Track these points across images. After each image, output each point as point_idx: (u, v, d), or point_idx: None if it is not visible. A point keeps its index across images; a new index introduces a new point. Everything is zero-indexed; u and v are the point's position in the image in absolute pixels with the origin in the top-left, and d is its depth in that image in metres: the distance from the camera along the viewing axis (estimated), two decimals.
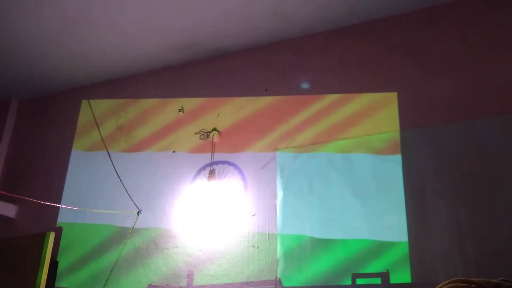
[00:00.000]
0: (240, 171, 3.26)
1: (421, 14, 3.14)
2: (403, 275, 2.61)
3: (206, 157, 3.40)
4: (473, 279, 0.83)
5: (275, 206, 3.08)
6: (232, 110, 3.48)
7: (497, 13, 2.93)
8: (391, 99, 3.00)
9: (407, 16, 3.18)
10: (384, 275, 2.66)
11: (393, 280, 2.63)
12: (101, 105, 3.99)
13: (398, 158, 2.85)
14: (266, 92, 3.40)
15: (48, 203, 3.45)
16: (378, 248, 2.72)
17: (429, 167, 2.75)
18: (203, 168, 3.37)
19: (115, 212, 3.47)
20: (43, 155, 4.07)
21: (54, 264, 3.43)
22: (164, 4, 3.20)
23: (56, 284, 3.44)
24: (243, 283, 2.98)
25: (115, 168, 3.65)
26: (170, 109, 3.68)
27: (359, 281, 2.70)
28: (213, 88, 3.61)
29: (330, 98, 3.20)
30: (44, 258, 3.24)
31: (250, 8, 3.22)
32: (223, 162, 3.33)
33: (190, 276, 3.12)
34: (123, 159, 3.68)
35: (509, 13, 2.90)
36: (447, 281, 0.85)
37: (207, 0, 3.16)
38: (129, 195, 3.51)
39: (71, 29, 3.45)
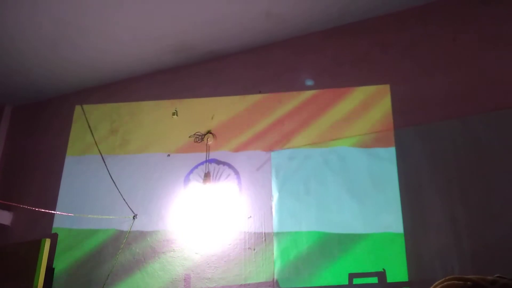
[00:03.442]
0: (235, 171, 3.27)
1: (413, 12, 3.15)
2: (400, 274, 2.61)
3: (200, 160, 3.41)
4: (469, 276, 0.83)
5: (271, 207, 3.07)
6: (226, 112, 3.49)
7: (488, 9, 2.94)
8: (385, 97, 3.01)
9: (399, 15, 3.18)
10: (381, 274, 2.66)
11: (390, 279, 2.64)
12: (95, 110, 3.97)
13: (392, 151, 2.86)
14: (260, 93, 3.41)
15: (43, 210, 3.44)
16: (374, 246, 2.73)
17: (424, 164, 2.75)
18: (196, 166, 3.38)
19: (111, 217, 3.46)
20: (37, 161, 4.05)
21: (50, 270, 3.42)
22: (157, 8, 3.20)
23: None
24: (241, 285, 2.97)
25: (110, 172, 3.64)
26: (164, 112, 3.68)
27: (356, 281, 2.70)
28: (207, 91, 3.60)
29: (323, 94, 3.21)
30: (40, 265, 3.26)
31: (243, 10, 3.22)
32: (218, 162, 3.34)
33: (187, 279, 3.12)
34: (118, 164, 3.67)
35: (500, 9, 2.91)
36: (444, 278, 0.85)
37: (200, 3, 3.16)
38: (124, 199, 3.50)
39: (64, 34, 3.44)
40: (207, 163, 3.37)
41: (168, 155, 3.53)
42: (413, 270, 2.59)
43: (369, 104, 3.05)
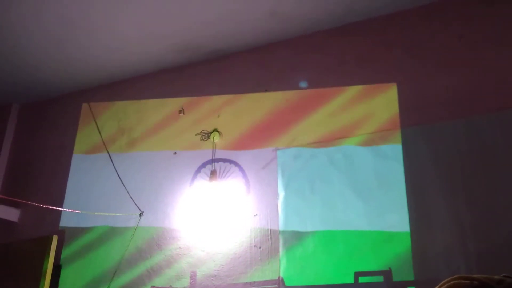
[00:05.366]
0: (241, 169, 3.27)
1: (417, 12, 3.13)
2: (406, 273, 2.60)
3: (207, 158, 3.42)
4: (475, 275, 0.83)
5: (277, 205, 3.07)
6: (232, 110, 3.48)
7: (493, 9, 2.92)
8: (391, 96, 3.00)
9: (404, 14, 3.16)
10: (387, 273, 2.65)
11: (396, 278, 2.63)
12: (101, 108, 3.98)
13: (398, 150, 2.85)
14: (266, 92, 3.41)
15: (50, 207, 3.46)
16: (380, 245, 2.72)
17: (430, 164, 2.73)
18: (203, 165, 3.39)
19: (117, 214, 3.47)
20: (45, 159, 4.06)
21: (57, 267, 3.43)
22: (162, 7, 3.20)
23: None
24: (246, 283, 2.97)
25: (117, 170, 3.64)
26: (171, 110, 3.68)
27: (362, 280, 2.69)
28: (213, 89, 3.60)
29: (329, 92, 3.20)
30: (48, 262, 3.27)
31: (248, 9, 3.21)
32: (224, 160, 3.35)
33: (193, 277, 3.12)
34: (125, 161, 3.67)
35: (504, 8, 2.89)
36: (450, 278, 0.85)
37: (205, 2, 3.16)
38: (131, 197, 3.51)
39: (71, 33, 3.45)
40: (213, 163, 3.37)
41: (175, 153, 3.54)
42: (419, 269, 2.58)
43: (375, 103, 3.04)
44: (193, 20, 3.33)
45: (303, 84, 3.27)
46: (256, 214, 3.12)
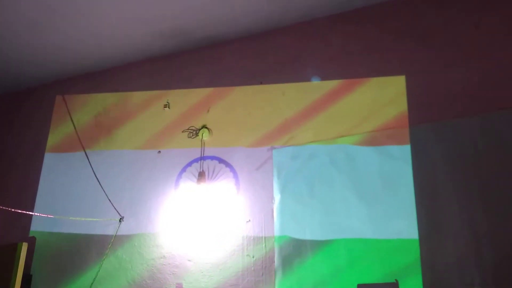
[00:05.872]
0: (232, 170, 3.25)
1: None
2: (414, 285, 2.56)
3: (194, 157, 3.37)
4: None
5: (272, 210, 3.05)
6: (223, 104, 3.44)
7: None
8: (399, 89, 2.99)
9: None
10: (393, 286, 2.61)
11: None
12: (77, 101, 3.88)
13: (406, 149, 2.82)
14: (261, 84, 3.40)
15: (19, 211, 3.34)
16: (385, 254, 2.69)
17: (441, 164, 2.70)
18: (190, 165, 3.34)
19: (94, 219, 3.38)
20: (14, 157, 3.97)
21: (27, 277, 3.33)
22: None
23: None
24: None
25: (94, 171, 3.56)
26: (155, 104, 3.62)
27: None
28: (202, 81, 3.58)
29: (330, 85, 3.18)
30: (16, 271, 3.18)
31: None
32: (212, 158, 3.32)
33: None
34: (103, 161, 3.60)
35: None
36: None
37: None
38: (109, 200, 3.43)
39: (45, 16, 3.35)
40: (201, 160, 3.32)
41: (159, 151, 3.48)
42: (429, 281, 2.55)
43: (382, 98, 3.03)
44: (182, 2, 3.24)
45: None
46: (249, 220, 3.09)
